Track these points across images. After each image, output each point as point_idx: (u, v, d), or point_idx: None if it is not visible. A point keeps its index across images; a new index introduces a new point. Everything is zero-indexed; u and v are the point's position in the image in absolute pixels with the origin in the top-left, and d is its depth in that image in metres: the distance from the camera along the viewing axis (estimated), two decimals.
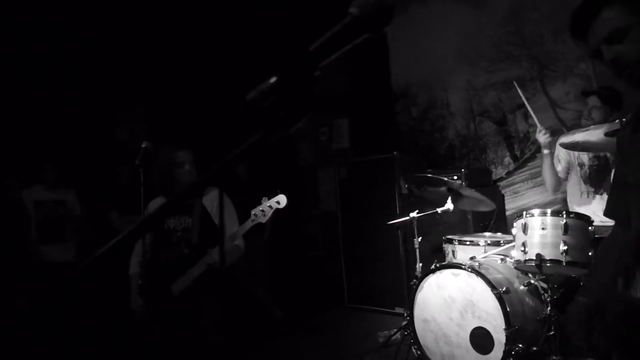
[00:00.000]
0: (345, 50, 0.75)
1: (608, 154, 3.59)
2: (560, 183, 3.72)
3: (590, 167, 3.64)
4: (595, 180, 3.64)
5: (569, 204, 3.74)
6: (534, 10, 5.09)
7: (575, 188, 3.73)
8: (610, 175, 3.58)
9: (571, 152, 3.71)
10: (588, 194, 3.68)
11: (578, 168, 3.70)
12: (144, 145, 2.97)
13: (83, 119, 5.15)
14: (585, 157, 3.67)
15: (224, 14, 5.92)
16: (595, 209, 3.46)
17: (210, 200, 3.11)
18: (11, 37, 4.78)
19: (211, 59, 5.88)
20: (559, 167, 3.77)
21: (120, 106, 5.69)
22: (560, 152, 3.77)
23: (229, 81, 5.80)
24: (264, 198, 2.94)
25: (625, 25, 1.41)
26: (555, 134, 4.86)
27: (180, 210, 3.07)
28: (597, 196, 3.65)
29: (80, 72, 5.15)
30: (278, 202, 2.90)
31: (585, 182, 3.68)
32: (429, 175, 3.91)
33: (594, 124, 3.39)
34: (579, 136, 3.01)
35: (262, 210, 2.89)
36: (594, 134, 2.97)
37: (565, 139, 3.09)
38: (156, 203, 3.15)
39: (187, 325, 2.97)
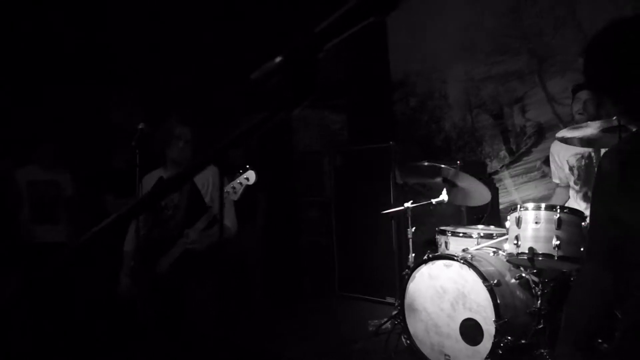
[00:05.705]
0: (350, 33, 0.74)
1: (592, 153, 3.62)
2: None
3: (578, 167, 3.66)
4: (584, 181, 3.65)
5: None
6: (534, 3, 5.07)
7: (570, 190, 3.77)
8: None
9: (556, 160, 3.77)
10: (577, 194, 3.70)
11: (569, 172, 3.71)
12: (140, 127, 2.95)
13: (78, 100, 5.10)
14: (573, 159, 3.69)
15: None
16: (585, 209, 3.48)
17: (203, 178, 3.04)
18: (6, 20, 4.71)
19: (207, 39, 5.82)
20: (556, 178, 3.83)
21: (115, 88, 5.64)
22: (556, 157, 3.81)
23: (225, 62, 5.76)
24: (237, 173, 2.82)
25: None
26: (551, 129, 4.89)
27: None
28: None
29: (75, 53, 5.09)
30: (247, 179, 2.78)
31: (575, 184, 3.69)
32: (425, 163, 3.84)
33: (589, 117, 3.43)
34: (577, 132, 3.04)
35: (233, 187, 2.79)
36: (592, 128, 2.99)
37: (565, 133, 3.11)
38: (152, 177, 3.10)
39: (173, 306, 2.93)
